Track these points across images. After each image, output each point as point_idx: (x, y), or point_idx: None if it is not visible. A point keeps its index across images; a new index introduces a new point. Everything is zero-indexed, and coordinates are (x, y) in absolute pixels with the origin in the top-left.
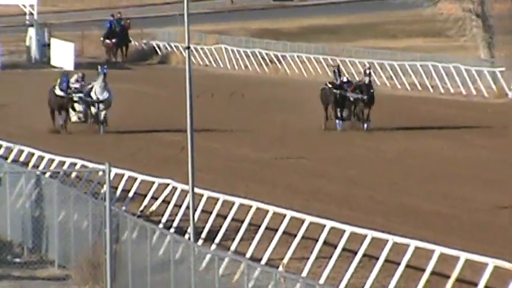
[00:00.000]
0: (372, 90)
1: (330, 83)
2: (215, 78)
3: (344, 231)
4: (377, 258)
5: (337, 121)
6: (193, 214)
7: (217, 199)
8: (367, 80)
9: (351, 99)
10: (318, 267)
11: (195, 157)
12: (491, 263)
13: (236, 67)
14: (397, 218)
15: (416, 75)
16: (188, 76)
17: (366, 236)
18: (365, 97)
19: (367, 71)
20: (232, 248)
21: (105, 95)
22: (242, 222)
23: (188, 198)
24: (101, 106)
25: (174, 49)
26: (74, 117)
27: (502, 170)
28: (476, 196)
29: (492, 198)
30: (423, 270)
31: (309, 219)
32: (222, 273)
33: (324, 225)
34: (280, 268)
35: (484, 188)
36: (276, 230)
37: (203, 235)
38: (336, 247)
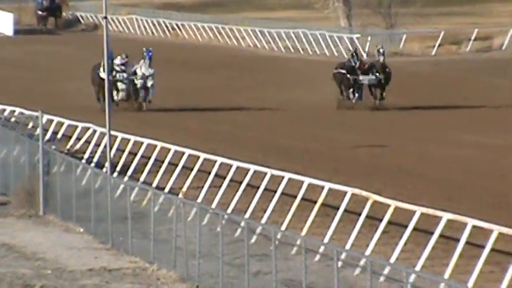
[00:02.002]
0: (387, 69)
1: (342, 67)
2: (128, 42)
3: (231, 165)
4: (258, 187)
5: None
6: (110, 152)
7: (129, 140)
8: (381, 59)
9: (366, 82)
10: (211, 194)
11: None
12: (350, 190)
13: (144, 33)
14: (275, 155)
15: (289, 40)
16: (106, 41)
17: (248, 169)
18: (381, 77)
19: (381, 50)
20: (142, 179)
21: (151, 70)
22: (149, 158)
23: (106, 139)
24: (148, 81)
25: (95, 19)
26: (116, 96)
27: (359, 116)
28: (339, 137)
29: (351, 138)
30: (295, 197)
31: (203, 156)
32: (133, 199)
33: (215, 161)
34: (180, 195)
35: (345, 130)
36: (177, 165)
37: (118, 169)
38: (224, 178)
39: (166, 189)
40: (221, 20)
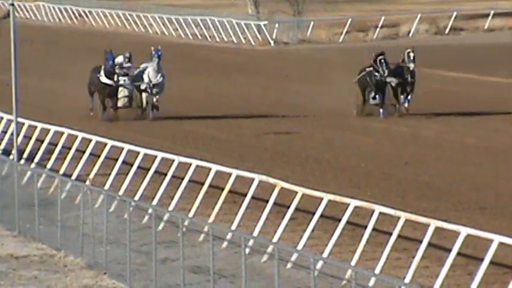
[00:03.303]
0: (414, 77)
1: (368, 72)
2: (34, 29)
3: (138, 152)
4: (165, 174)
5: (380, 110)
6: (17, 139)
7: (36, 127)
8: (412, 66)
9: (392, 84)
10: (118, 181)
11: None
12: (258, 177)
13: (52, 20)
14: (182, 142)
15: (196, 27)
16: (13, 27)
17: (156, 156)
18: (410, 80)
19: (411, 55)
20: (49, 166)
21: (159, 78)
22: (56, 145)
23: (13, 126)
24: (154, 90)
25: (2, 6)
26: (118, 102)
27: (265, 103)
28: (246, 124)
29: (258, 126)
30: (203, 184)
31: (110, 143)
32: (40, 186)
33: (123, 148)
34: (87, 182)
35: (252, 117)
36: (84, 152)
37: (25, 156)
38: (132, 165)
39: (74, 176)
40: (128, 7)
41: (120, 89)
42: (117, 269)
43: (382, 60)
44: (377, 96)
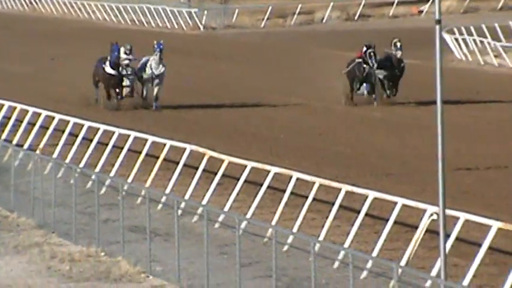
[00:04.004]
0: (402, 64)
1: (357, 63)
2: None
3: (83, 125)
4: (107, 145)
5: (374, 97)
6: None
7: None
8: (399, 54)
9: (380, 76)
10: (66, 151)
11: None
12: (189, 147)
13: (5, 7)
14: (123, 116)
15: (134, 14)
16: None
17: (98, 128)
18: (398, 72)
19: (398, 44)
20: (3, 137)
21: (161, 69)
22: (9, 119)
23: None
24: (156, 81)
25: None
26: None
27: (197, 80)
28: (181, 100)
29: (191, 101)
30: (140, 153)
31: (58, 116)
32: None
33: (69, 121)
34: (38, 152)
35: (185, 94)
36: (34, 124)
37: None
38: (77, 136)
39: (26, 146)
40: None
41: (124, 79)
42: (64, 228)
43: (372, 53)
44: (365, 87)
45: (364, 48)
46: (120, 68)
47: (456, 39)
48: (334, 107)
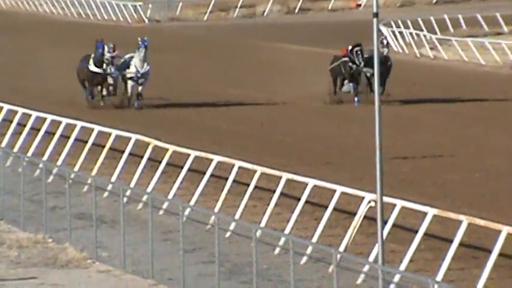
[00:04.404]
0: (389, 62)
1: (343, 61)
2: None
3: (31, 115)
4: (54, 134)
5: (355, 98)
6: None
7: None
8: (385, 51)
9: (368, 74)
10: (14, 141)
11: None
12: (134, 136)
13: None
14: (67, 107)
15: (81, 7)
16: None
17: (46, 118)
18: (385, 70)
19: (384, 41)
20: None
21: (146, 67)
22: None
23: None
24: (140, 80)
25: None
26: (104, 91)
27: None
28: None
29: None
30: (86, 142)
31: (6, 106)
32: None
33: (17, 111)
34: None
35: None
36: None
37: None
38: (25, 126)
39: None
40: None
41: (108, 77)
42: (13, 216)
43: (359, 52)
44: (351, 85)
45: (350, 47)
46: (104, 66)
47: (393, 32)
48: (273, 98)
